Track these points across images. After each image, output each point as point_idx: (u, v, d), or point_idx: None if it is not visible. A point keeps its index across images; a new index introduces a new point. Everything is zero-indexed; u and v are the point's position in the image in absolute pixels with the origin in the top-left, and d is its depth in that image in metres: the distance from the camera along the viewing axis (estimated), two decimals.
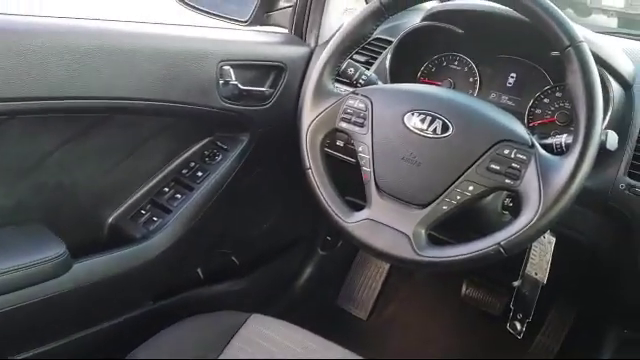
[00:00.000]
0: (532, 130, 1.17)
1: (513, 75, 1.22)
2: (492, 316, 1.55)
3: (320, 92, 1.01)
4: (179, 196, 1.28)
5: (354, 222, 0.94)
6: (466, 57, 1.25)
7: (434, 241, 0.91)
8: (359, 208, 0.96)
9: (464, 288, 1.62)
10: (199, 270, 1.41)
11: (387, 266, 1.83)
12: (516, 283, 1.05)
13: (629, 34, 1.44)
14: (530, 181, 0.84)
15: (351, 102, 0.99)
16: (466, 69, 1.26)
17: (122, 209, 1.27)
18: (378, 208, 0.94)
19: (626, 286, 1.10)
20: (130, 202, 1.27)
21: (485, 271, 1.50)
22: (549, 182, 0.82)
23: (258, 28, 1.42)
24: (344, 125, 0.99)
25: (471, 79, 1.26)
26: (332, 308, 1.81)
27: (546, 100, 1.18)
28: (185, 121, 1.25)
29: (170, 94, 1.13)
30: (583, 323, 1.50)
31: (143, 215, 1.27)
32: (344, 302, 1.83)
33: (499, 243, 0.83)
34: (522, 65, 1.21)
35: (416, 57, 1.28)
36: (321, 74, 1.01)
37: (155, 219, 1.25)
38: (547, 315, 1.59)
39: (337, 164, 1.15)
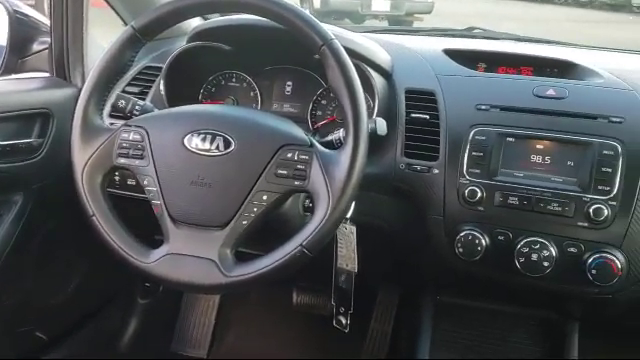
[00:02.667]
0: (318, 132, 1.22)
1: (289, 83, 1.26)
2: (325, 317, 1.58)
3: (88, 130, 0.94)
4: None
5: (153, 261, 0.89)
6: (242, 73, 1.26)
7: (245, 258, 0.89)
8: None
9: (295, 297, 1.63)
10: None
11: (217, 297, 1.78)
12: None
13: (400, 30, 1.65)
14: (317, 178, 0.86)
15: (125, 135, 0.93)
16: (245, 84, 1.27)
17: None
18: (176, 240, 0.89)
19: (425, 259, 1.19)
20: None
21: (311, 275, 1.52)
22: (333, 176, 0.85)
23: (13, 76, 1.29)
24: (123, 161, 0.92)
25: (252, 93, 1.27)
26: (168, 356, 1.70)
27: (323, 102, 1.23)
28: None
29: None
30: (405, 299, 1.60)
31: None
32: (179, 346, 1.73)
33: (301, 244, 0.84)
34: (295, 73, 1.25)
35: (192, 80, 1.26)
36: (85, 111, 0.94)
37: None
38: (375, 302, 1.66)
39: (137, 204, 1.08)
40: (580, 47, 1.41)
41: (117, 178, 1.19)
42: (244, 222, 0.88)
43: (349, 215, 0.99)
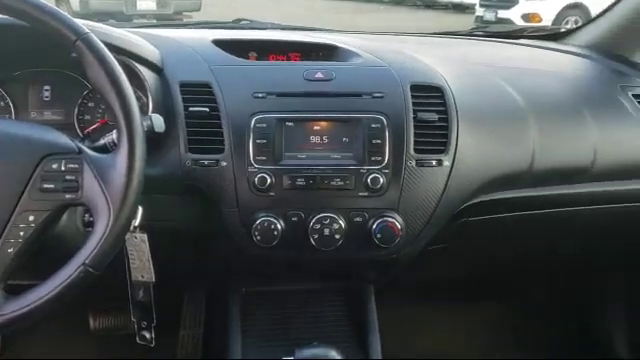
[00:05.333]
0: (89, 137, 1.12)
1: (47, 88, 1.13)
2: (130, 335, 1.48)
3: None
4: None
5: None
6: None
7: (20, 290, 0.77)
8: None
9: (91, 322, 1.49)
10: None
11: None
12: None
13: (167, 25, 1.62)
14: (91, 188, 0.78)
15: None
16: None
17: None
18: None
19: (226, 254, 1.17)
20: None
21: (106, 294, 1.40)
22: (110, 182, 0.78)
23: None
24: None
25: (2, 103, 1.11)
26: None
27: (91, 104, 1.14)
28: None
29: None
30: (213, 298, 1.56)
31: None
32: None
33: (84, 263, 0.76)
34: (53, 75, 1.13)
35: None
36: None
37: None
38: (181, 310, 1.60)
39: None
40: (339, 32, 1.51)
41: None
42: (10, 250, 0.77)
43: (137, 223, 0.92)
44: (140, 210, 0.91)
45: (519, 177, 1.16)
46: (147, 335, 1.01)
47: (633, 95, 1.30)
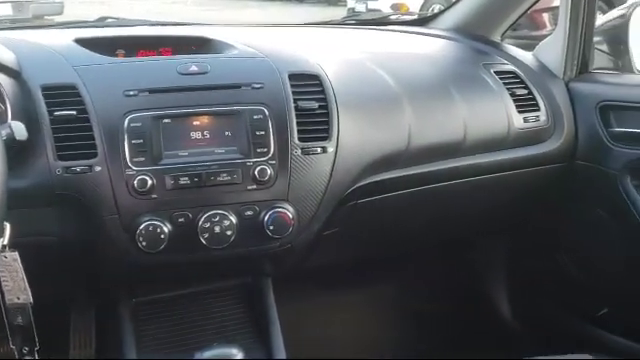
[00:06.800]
0: None
1: None
2: None
3: None
4: None
5: None
6: None
7: None
8: None
9: None
10: None
11: None
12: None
13: (25, 27, 1.49)
14: None
15: None
16: None
17: None
18: None
19: (110, 264, 1.10)
20: None
21: None
22: None
23: None
24: None
25: None
26: None
27: None
28: None
29: None
30: (102, 312, 1.47)
31: None
32: None
33: None
34: None
35: None
36: None
37: None
38: (69, 329, 1.49)
39: None
40: (212, 26, 1.48)
41: None
42: None
43: (5, 241, 0.85)
44: (8, 227, 0.84)
45: (399, 157, 1.21)
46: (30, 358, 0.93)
47: (495, 72, 1.39)
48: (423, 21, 1.73)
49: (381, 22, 1.76)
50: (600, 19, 1.67)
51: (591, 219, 1.43)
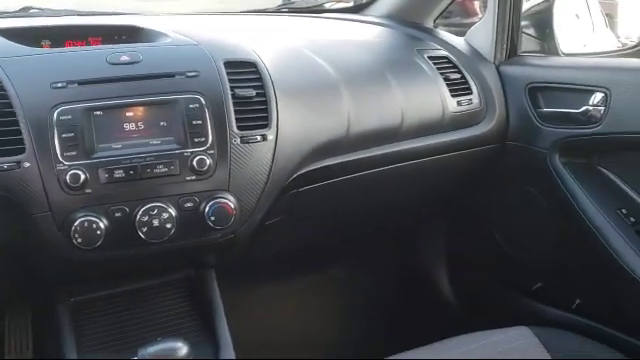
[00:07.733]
0: None
1: None
2: None
3: None
4: None
5: None
6: None
7: None
8: None
9: None
10: None
11: None
12: None
13: None
14: None
15: None
16: None
17: None
18: None
19: (45, 264, 1.06)
20: None
21: None
22: None
23: None
24: None
25: None
26: None
27: None
28: None
29: None
30: (40, 315, 1.42)
31: None
32: None
33: None
34: None
35: None
36: None
37: None
38: (3, 333, 1.43)
39: None
40: (142, 15, 1.44)
41: None
42: None
43: None
44: None
45: (339, 144, 1.21)
46: None
47: (428, 57, 1.42)
48: (358, 8, 1.75)
49: (316, 10, 1.76)
50: (527, 4, 1.73)
51: (523, 197, 1.48)
